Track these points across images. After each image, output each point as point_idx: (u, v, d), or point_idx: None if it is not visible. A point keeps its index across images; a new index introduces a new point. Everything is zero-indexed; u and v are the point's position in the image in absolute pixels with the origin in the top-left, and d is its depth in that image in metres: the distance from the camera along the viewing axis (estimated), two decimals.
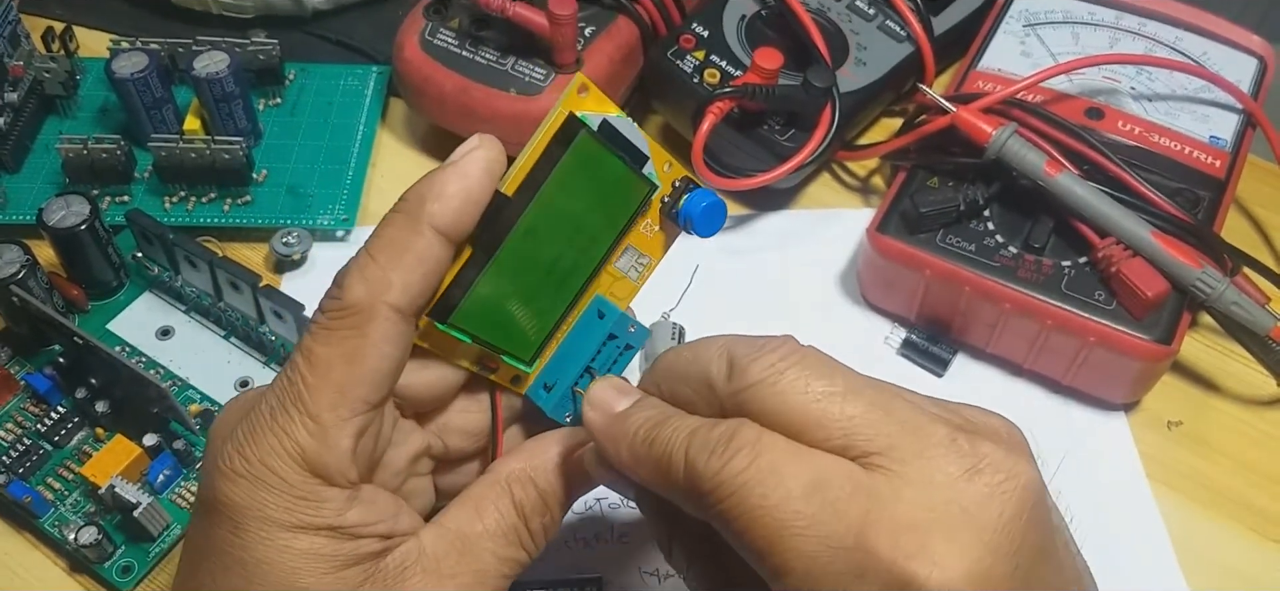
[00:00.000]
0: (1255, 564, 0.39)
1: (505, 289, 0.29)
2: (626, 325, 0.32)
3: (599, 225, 0.30)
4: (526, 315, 0.30)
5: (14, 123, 0.48)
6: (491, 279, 0.29)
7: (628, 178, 0.30)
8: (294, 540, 0.25)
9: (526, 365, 0.31)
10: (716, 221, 0.31)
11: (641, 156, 0.30)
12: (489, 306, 0.29)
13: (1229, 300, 0.40)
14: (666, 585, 0.37)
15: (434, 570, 0.27)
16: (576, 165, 0.29)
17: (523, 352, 0.30)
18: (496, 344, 0.30)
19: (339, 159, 0.49)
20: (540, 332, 0.31)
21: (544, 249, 0.29)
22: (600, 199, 0.30)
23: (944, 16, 0.52)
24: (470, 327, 0.29)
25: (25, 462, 0.38)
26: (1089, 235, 0.41)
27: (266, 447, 0.25)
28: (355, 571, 0.26)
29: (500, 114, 0.47)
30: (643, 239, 0.32)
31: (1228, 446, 0.42)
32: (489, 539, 0.28)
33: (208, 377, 0.42)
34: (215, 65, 0.46)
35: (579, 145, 0.29)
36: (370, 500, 0.27)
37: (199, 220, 0.46)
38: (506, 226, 0.28)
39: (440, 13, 0.49)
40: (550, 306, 0.30)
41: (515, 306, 0.30)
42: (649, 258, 0.32)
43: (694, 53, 0.49)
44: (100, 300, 0.44)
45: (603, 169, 0.30)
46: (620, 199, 0.30)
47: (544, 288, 0.30)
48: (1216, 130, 0.46)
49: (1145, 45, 0.50)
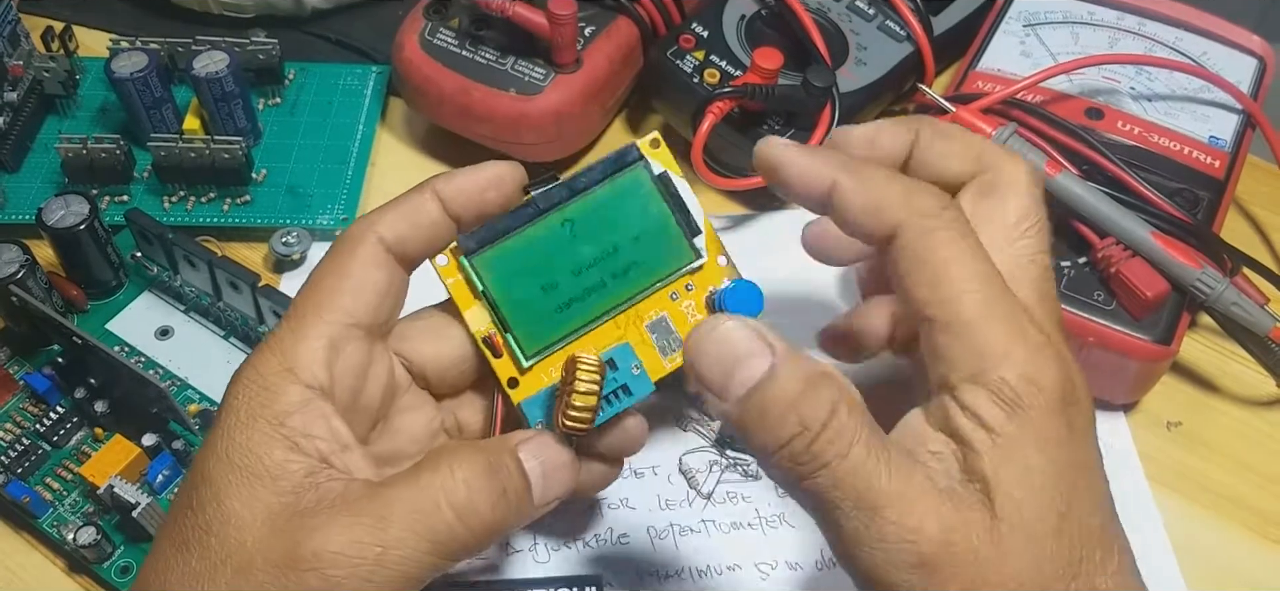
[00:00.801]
0: (1255, 564, 0.39)
1: (532, 263, 0.30)
2: (631, 368, 0.31)
3: (634, 261, 0.31)
4: (543, 305, 0.31)
5: (13, 122, 0.48)
6: (523, 244, 0.30)
7: (674, 234, 0.32)
8: (250, 429, 0.27)
9: (526, 358, 0.31)
10: (753, 306, 0.31)
11: (694, 225, 0.32)
12: (513, 270, 0.30)
13: (1228, 300, 0.40)
14: (667, 585, 0.37)
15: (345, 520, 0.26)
16: (627, 190, 0.31)
17: (528, 341, 0.31)
18: (507, 314, 0.30)
19: (338, 158, 0.49)
20: (549, 333, 0.31)
21: (579, 248, 0.31)
22: (642, 237, 0.31)
23: (944, 16, 0.52)
24: (489, 280, 0.30)
25: (24, 462, 0.38)
26: (1088, 235, 0.41)
27: (256, 353, 0.28)
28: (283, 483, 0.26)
29: (500, 114, 0.47)
30: (682, 320, 0.32)
31: (1227, 447, 0.42)
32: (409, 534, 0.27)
33: (207, 377, 0.42)
34: (215, 65, 0.46)
35: (634, 173, 0.31)
36: (320, 415, 0.27)
37: (198, 220, 0.46)
38: (552, 203, 0.30)
39: (440, 12, 0.49)
40: (566, 312, 0.31)
41: (536, 289, 0.31)
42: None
43: (694, 52, 0.49)
44: (99, 300, 0.44)
45: (651, 209, 0.31)
46: (662, 250, 0.31)
47: (567, 288, 0.31)
48: (1216, 130, 0.46)
49: (1145, 45, 0.50)
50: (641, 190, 0.31)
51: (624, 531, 0.38)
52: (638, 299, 0.31)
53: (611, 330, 0.31)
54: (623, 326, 0.32)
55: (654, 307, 0.32)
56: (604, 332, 0.31)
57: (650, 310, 0.32)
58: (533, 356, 0.31)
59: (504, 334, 0.31)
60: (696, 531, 0.38)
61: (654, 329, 0.32)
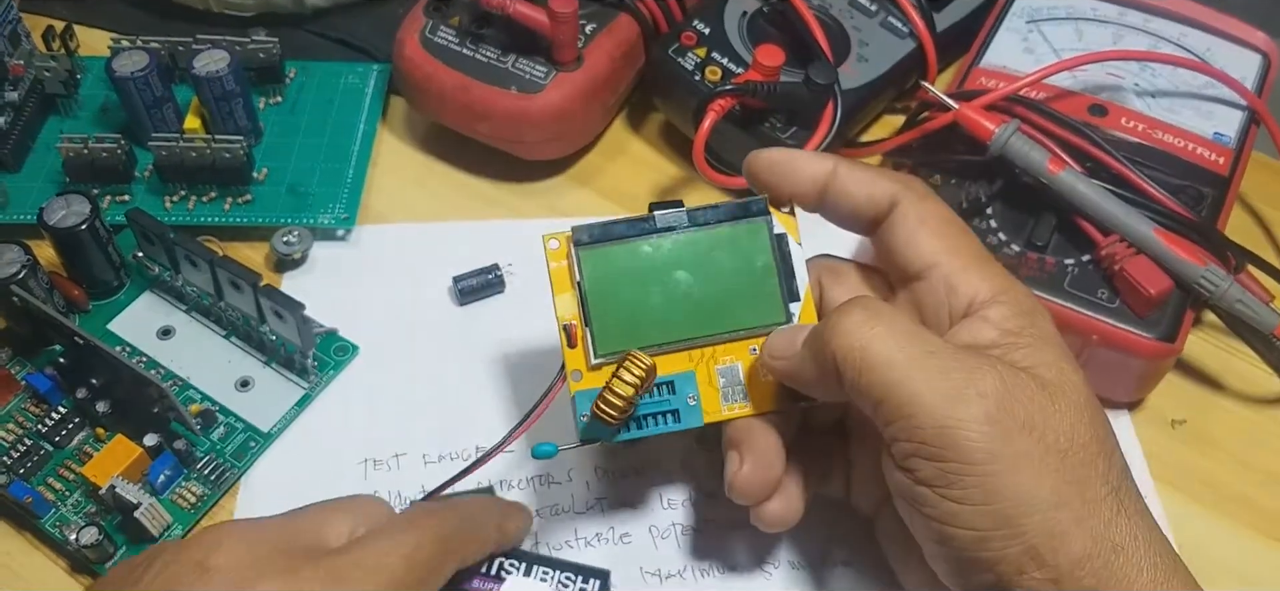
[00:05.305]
0: (1259, 563, 0.39)
1: (631, 273, 0.32)
2: (687, 397, 0.33)
3: (727, 305, 0.32)
4: (628, 314, 0.32)
5: (14, 122, 0.48)
6: (628, 254, 0.32)
7: (773, 291, 0.33)
8: None
9: (596, 355, 0.32)
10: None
11: (795, 291, 0.33)
12: (612, 272, 0.32)
13: (1233, 298, 0.40)
14: (667, 585, 0.37)
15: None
16: (743, 237, 0.33)
17: (602, 341, 0.32)
18: (592, 310, 0.32)
19: (339, 157, 0.49)
20: (624, 341, 0.32)
21: (678, 274, 0.32)
22: (742, 285, 0.33)
23: (946, 13, 0.52)
24: (588, 274, 0.32)
25: (26, 463, 0.38)
26: (1092, 233, 0.41)
27: None
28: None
29: (500, 112, 0.47)
30: (754, 378, 0.33)
31: (1232, 445, 0.42)
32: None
33: (208, 377, 0.42)
34: (215, 64, 0.46)
35: (754, 224, 0.33)
36: None
37: (199, 219, 0.46)
38: (668, 224, 0.32)
39: (441, 10, 0.49)
40: (647, 328, 0.32)
41: (626, 297, 0.32)
42: (749, 405, 0.33)
43: (695, 50, 0.48)
44: (101, 300, 0.44)
45: (758, 261, 0.33)
46: (757, 303, 0.33)
47: (655, 307, 0.32)
48: (1220, 126, 0.46)
49: (1149, 41, 0.49)
50: (756, 242, 0.33)
51: (626, 530, 0.38)
52: (718, 340, 0.33)
53: (683, 360, 0.32)
54: (695, 360, 0.33)
55: (731, 354, 0.33)
56: (676, 359, 0.32)
57: (726, 355, 0.33)
58: (602, 356, 0.32)
59: (584, 327, 0.32)
60: (699, 531, 0.38)
61: (724, 374, 0.33)
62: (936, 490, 0.28)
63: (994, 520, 0.27)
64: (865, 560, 0.37)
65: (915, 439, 0.28)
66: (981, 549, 0.28)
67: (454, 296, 0.45)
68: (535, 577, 0.34)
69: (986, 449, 0.27)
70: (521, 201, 0.49)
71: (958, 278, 0.32)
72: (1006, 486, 0.27)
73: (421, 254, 0.47)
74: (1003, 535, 0.27)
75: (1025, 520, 0.27)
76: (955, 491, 0.28)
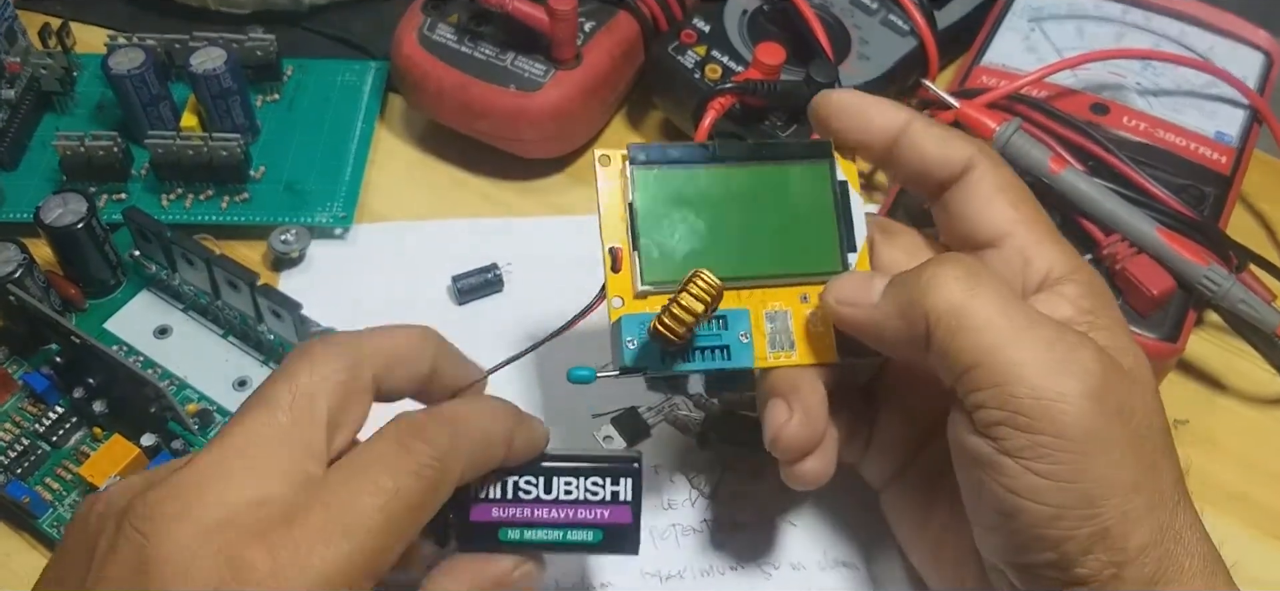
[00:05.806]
0: (1262, 562, 0.39)
1: (686, 200, 0.31)
2: (739, 335, 0.31)
3: (782, 247, 0.31)
4: (678, 243, 0.31)
5: (10, 120, 0.48)
6: (684, 179, 0.31)
7: (831, 239, 0.32)
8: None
9: (642, 282, 0.31)
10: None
11: (853, 242, 0.32)
12: (665, 196, 0.31)
13: (1235, 297, 0.40)
14: (667, 585, 0.37)
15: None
16: (805, 178, 0.32)
17: (649, 269, 0.31)
18: (641, 235, 0.31)
19: (337, 156, 0.49)
20: (673, 271, 0.30)
21: (734, 208, 0.31)
22: (799, 228, 0.31)
23: (947, 11, 0.52)
24: (640, 195, 0.31)
25: (23, 462, 0.38)
26: (1094, 232, 0.41)
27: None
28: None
29: (499, 110, 0.46)
30: (801, 328, 0.32)
31: (1234, 445, 0.42)
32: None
33: (206, 376, 0.41)
34: (212, 61, 0.46)
35: (817, 167, 0.32)
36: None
37: (196, 218, 0.46)
38: (729, 154, 0.31)
39: (439, 8, 0.49)
40: (695, 260, 0.31)
41: (678, 226, 0.31)
42: (796, 355, 0.32)
43: (695, 48, 0.48)
44: (98, 299, 0.44)
45: (819, 206, 0.32)
46: (813, 248, 0.31)
47: (707, 240, 0.31)
48: (1222, 126, 0.46)
49: (1151, 40, 0.49)
50: (818, 185, 0.31)
51: None
52: (769, 283, 0.31)
53: (732, 299, 0.31)
54: (744, 301, 0.31)
55: (781, 300, 0.31)
56: (726, 296, 0.30)
57: (776, 301, 0.31)
58: (648, 284, 0.30)
59: (632, 250, 0.30)
60: (698, 531, 0.38)
61: (772, 319, 0.31)
62: (1021, 461, 0.27)
63: (1075, 498, 0.27)
64: (865, 560, 0.37)
65: (1009, 408, 0.27)
66: (1052, 526, 0.27)
67: (453, 295, 0.45)
68: (557, 492, 0.30)
69: (1085, 426, 0.27)
70: (520, 200, 0.49)
71: (1033, 250, 0.31)
72: (1095, 466, 0.27)
73: (420, 253, 0.46)
74: (1079, 515, 0.27)
75: (1105, 502, 0.27)
76: (1042, 465, 0.27)
